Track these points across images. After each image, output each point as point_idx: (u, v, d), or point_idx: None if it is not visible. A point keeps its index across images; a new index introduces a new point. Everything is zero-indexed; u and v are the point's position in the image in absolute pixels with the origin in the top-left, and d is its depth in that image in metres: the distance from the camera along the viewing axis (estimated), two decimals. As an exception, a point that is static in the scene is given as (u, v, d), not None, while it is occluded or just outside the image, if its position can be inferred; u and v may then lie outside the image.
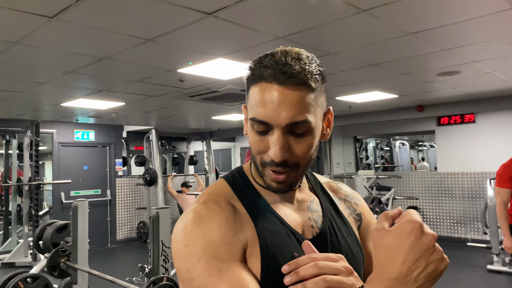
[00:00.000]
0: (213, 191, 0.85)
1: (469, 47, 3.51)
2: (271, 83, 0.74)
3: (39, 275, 4.26)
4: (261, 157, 0.79)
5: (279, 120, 0.74)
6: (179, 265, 0.76)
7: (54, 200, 8.27)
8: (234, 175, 0.89)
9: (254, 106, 0.77)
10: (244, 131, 0.85)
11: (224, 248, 0.74)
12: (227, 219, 0.78)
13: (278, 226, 0.81)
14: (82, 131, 8.52)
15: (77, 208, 3.53)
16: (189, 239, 0.75)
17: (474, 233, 7.57)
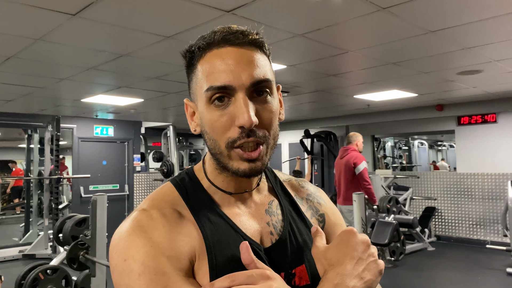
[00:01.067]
0: (157, 197, 0.75)
1: (491, 46, 3.44)
2: (223, 47, 0.71)
3: (58, 267, 4.37)
4: (227, 137, 0.70)
5: (241, 80, 0.69)
6: (117, 282, 0.66)
7: (73, 194, 8.43)
8: (182, 178, 0.80)
9: (208, 76, 0.70)
10: (193, 128, 0.77)
11: (168, 262, 0.65)
12: (172, 229, 0.69)
13: (231, 235, 0.72)
14: (102, 127, 8.66)
15: (96, 202, 3.59)
16: (127, 252, 0.66)
17: (494, 235, 7.43)
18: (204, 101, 0.71)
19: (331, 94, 5.72)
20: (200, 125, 0.75)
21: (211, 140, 0.73)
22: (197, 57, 0.74)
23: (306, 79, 4.70)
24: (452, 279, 5.61)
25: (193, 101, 0.77)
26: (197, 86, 0.74)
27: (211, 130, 0.72)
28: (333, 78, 4.65)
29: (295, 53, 3.64)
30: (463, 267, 6.28)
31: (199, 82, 0.73)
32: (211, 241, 0.70)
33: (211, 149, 0.74)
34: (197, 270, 0.69)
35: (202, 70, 0.72)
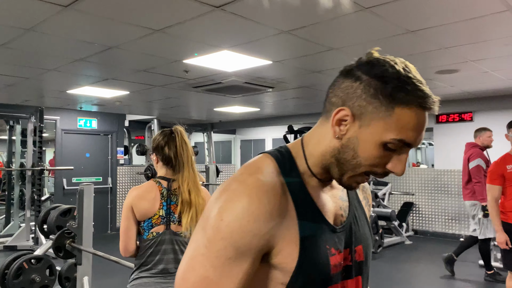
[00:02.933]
0: (266, 169, 0.80)
1: (467, 46, 3.62)
2: (423, 110, 0.76)
3: (43, 257, 4.40)
4: (371, 168, 0.79)
5: (417, 144, 0.78)
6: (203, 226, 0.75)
7: (56, 186, 8.40)
8: (281, 153, 0.85)
9: (403, 128, 0.75)
10: (337, 133, 0.80)
11: (250, 240, 0.72)
12: (274, 208, 0.75)
13: (315, 217, 0.81)
14: (85, 119, 8.62)
15: (83, 192, 3.64)
16: (229, 217, 0.73)
17: (467, 229, 7.71)
18: (381, 140, 0.76)
19: (314, 91, 5.85)
20: (347, 140, 0.79)
21: (355, 161, 0.78)
22: (400, 100, 0.75)
23: (291, 75, 4.82)
24: (427, 271, 5.83)
25: (354, 115, 0.78)
26: (380, 121, 0.75)
27: (365, 158, 0.77)
28: (317, 75, 4.78)
29: (281, 49, 3.75)
30: (438, 260, 6.51)
31: (388, 123, 0.75)
32: (302, 223, 0.78)
33: (344, 162, 0.79)
34: (283, 247, 0.75)
35: (398, 118, 0.75)
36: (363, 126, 0.77)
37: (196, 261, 0.74)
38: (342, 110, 0.78)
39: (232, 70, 4.48)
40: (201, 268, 0.73)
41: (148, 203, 2.03)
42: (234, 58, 3.96)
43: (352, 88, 0.78)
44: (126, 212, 2.03)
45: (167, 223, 2.05)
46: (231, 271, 0.73)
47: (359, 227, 0.91)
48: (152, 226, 2.03)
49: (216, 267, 0.72)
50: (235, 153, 12.30)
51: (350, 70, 0.81)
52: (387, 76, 0.76)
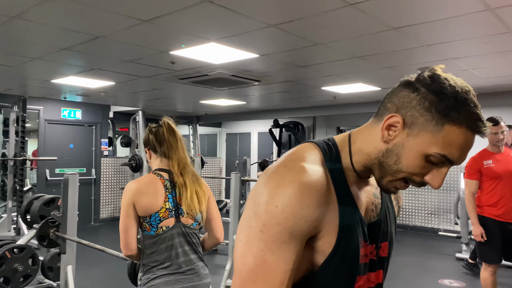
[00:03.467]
0: (314, 158, 0.85)
1: (448, 44, 3.72)
2: (472, 132, 0.79)
3: (26, 246, 4.39)
4: (410, 176, 0.83)
5: (459, 163, 0.82)
6: (259, 213, 0.78)
7: (38, 177, 8.31)
8: (328, 145, 0.89)
9: (449, 145, 0.79)
10: (385, 137, 0.84)
11: (302, 225, 0.77)
12: (321, 197, 0.80)
13: (353, 210, 0.86)
14: (69, 110, 8.54)
15: (68, 181, 3.64)
16: (283, 203, 0.77)
17: (446, 224, 7.92)
18: (425, 152, 0.80)
19: (300, 85, 5.92)
20: (393, 145, 0.83)
21: (396, 166, 0.82)
22: (451, 119, 0.78)
23: (277, 69, 4.87)
24: (407, 264, 5.98)
25: (405, 124, 0.82)
26: (428, 133, 0.79)
27: (406, 166, 0.82)
28: (303, 69, 4.84)
29: (268, 43, 3.80)
30: (417, 252, 6.69)
31: (435, 137, 0.79)
32: (342, 213, 0.83)
33: (386, 166, 0.84)
34: (324, 234, 0.81)
35: (446, 134, 0.78)
36: (411, 135, 0.81)
37: (254, 245, 0.77)
38: (394, 116, 0.82)
39: (218, 63, 4.51)
40: (259, 251, 0.77)
41: (151, 197, 1.92)
42: (221, 51, 4.00)
43: (409, 98, 0.82)
44: (126, 209, 1.90)
45: (177, 216, 1.96)
46: (286, 254, 0.77)
47: (387, 225, 0.96)
48: (160, 221, 1.92)
49: (273, 250, 0.76)
50: (221, 146, 12.33)
51: (411, 81, 0.83)
52: (444, 93, 0.79)
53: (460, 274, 5.33)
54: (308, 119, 9.80)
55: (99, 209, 9.10)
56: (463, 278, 5.15)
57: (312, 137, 10.00)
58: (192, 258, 1.99)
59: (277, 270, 0.77)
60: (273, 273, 0.77)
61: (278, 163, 0.84)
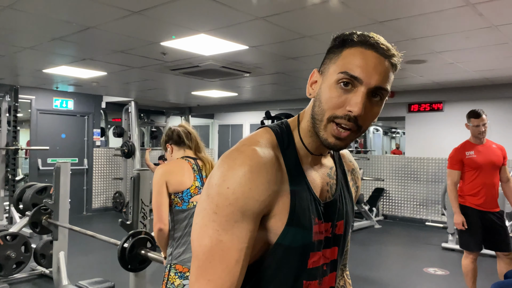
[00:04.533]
0: (263, 140, 0.89)
1: (432, 38, 3.81)
2: (369, 50, 0.85)
3: (18, 234, 4.45)
4: (332, 112, 0.86)
5: (370, 80, 0.83)
6: (209, 193, 0.82)
7: (30, 167, 8.35)
8: (281, 128, 0.93)
9: (348, 63, 0.85)
10: (309, 92, 0.91)
11: (253, 205, 0.81)
12: (271, 178, 0.83)
13: (305, 190, 0.90)
14: (61, 99, 8.56)
15: (59, 169, 3.71)
16: (233, 184, 0.80)
17: (434, 214, 8.08)
18: (333, 80, 0.86)
19: (290, 77, 6.00)
20: (316, 93, 0.90)
21: (320, 109, 0.87)
22: (347, 45, 0.86)
23: (267, 61, 4.94)
24: (395, 253, 6.13)
25: (320, 73, 0.91)
26: (332, 65, 0.87)
27: (325, 102, 0.86)
28: (292, 61, 4.91)
29: (257, 35, 3.87)
30: (405, 242, 6.84)
31: (337, 63, 0.87)
32: (294, 193, 0.87)
33: (315, 115, 0.88)
34: (276, 213, 0.85)
35: (344, 57, 0.86)
36: (324, 76, 0.89)
37: (209, 227, 0.80)
38: (314, 73, 0.92)
39: (209, 54, 4.58)
40: (214, 232, 0.80)
41: (181, 176, 2.17)
42: (211, 42, 4.06)
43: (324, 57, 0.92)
44: (158, 188, 2.11)
45: None
46: (240, 232, 0.80)
47: (343, 205, 1.00)
48: (191, 196, 2.15)
49: (227, 230, 0.80)
50: (213, 137, 12.39)
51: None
52: (343, 36, 0.89)
53: (445, 263, 5.48)
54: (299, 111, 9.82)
55: (91, 199, 9.16)
56: (447, 266, 5.29)
57: (304, 129, 10.10)
58: None
59: (232, 248, 0.80)
60: (229, 251, 0.80)
61: (232, 148, 0.87)
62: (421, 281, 4.81)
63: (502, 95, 6.63)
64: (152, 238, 2.80)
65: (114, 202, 9.34)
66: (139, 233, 2.72)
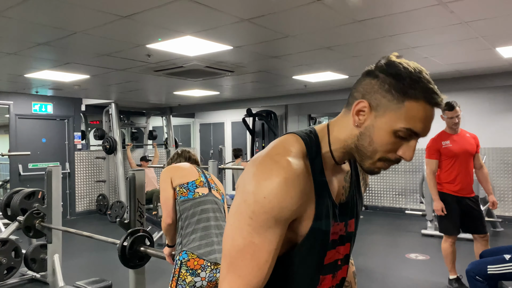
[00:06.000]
0: (295, 150, 0.93)
1: (408, 35, 4.01)
2: (431, 106, 0.90)
3: (8, 239, 4.45)
4: (385, 154, 0.92)
5: (425, 134, 0.91)
6: (249, 201, 0.88)
7: (11, 172, 8.24)
8: (310, 138, 0.98)
9: (412, 120, 0.89)
10: (356, 122, 0.93)
11: (285, 213, 0.88)
12: (303, 188, 0.90)
13: (326, 197, 0.97)
14: (40, 104, 8.47)
15: (51, 173, 3.76)
16: (270, 195, 0.86)
17: (413, 203, 8.39)
18: (393, 128, 0.90)
19: (272, 75, 6.14)
20: (366, 128, 0.93)
21: (372, 147, 0.93)
22: (411, 96, 0.88)
23: (250, 60, 5.07)
24: (376, 241, 6.36)
25: (371, 108, 0.92)
26: (392, 112, 0.89)
27: (379, 145, 0.92)
28: (275, 60, 5.06)
29: (241, 36, 3.99)
30: (386, 231, 7.10)
31: (399, 114, 0.89)
32: (319, 202, 0.95)
33: (363, 148, 0.94)
34: (303, 218, 0.93)
35: (408, 110, 0.89)
36: (378, 116, 0.91)
37: (243, 230, 0.89)
38: (361, 102, 0.93)
39: (193, 55, 4.67)
40: (248, 235, 0.88)
41: (187, 171, 2.37)
42: (196, 43, 4.16)
43: (371, 84, 0.92)
44: (164, 184, 2.29)
45: (209, 188, 2.36)
46: (272, 236, 0.89)
47: (354, 205, 1.08)
48: (196, 187, 2.30)
49: (260, 233, 0.88)
50: (195, 136, 12.44)
51: (371, 70, 0.94)
52: (400, 74, 0.89)
53: (425, 248, 5.74)
54: (280, 107, 10.06)
55: (75, 202, 9.10)
56: (427, 251, 5.55)
57: (285, 125, 10.27)
58: (222, 224, 2.30)
59: (263, 249, 0.88)
60: (259, 252, 0.88)
61: (265, 154, 0.93)
62: (404, 266, 5.04)
63: (474, 86, 6.94)
64: (150, 235, 2.90)
65: (98, 205, 9.32)
66: (138, 231, 2.82)
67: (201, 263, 2.14)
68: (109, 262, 5.32)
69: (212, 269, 2.16)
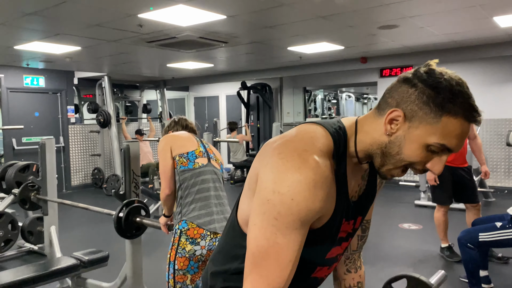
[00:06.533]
0: (323, 147, 0.91)
1: (404, 3, 3.94)
2: (468, 122, 0.85)
3: (4, 212, 4.47)
4: (411, 164, 0.89)
5: (457, 150, 0.88)
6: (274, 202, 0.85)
7: (5, 147, 8.19)
8: (339, 135, 0.95)
9: (447, 136, 0.85)
10: (388, 131, 0.89)
11: (312, 216, 0.87)
12: (329, 191, 0.89)
13: (344, 197, 0.96)
14: (32, 77, 8.35)
15: (44, 145, 3.72)
16: (298, 197, 0.84)
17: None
18: (426, 142, 0.86)
19: (267, 46, 6.05)
20: (396, 138, 0.89)
21: (399, 157, 0.89)
22: (449, 111, 0.84)
23: (244, 30, 4.98)
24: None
25: (406, 117, 0.87)
26: (427, 125, 0.85)
27: (408, 156, 0.88)
28: (269, 30, 4.97)
29: (235, 4, 3.90)
30: (380, 202, 7.12)
31: (435, 128, 0.85)
32: (338, 201, 0.94)
33: (389, 156, 0.91)
34: (321, 216, 0.91)
35: (444, 125, 0.84)
36: (412, 128, 0.87)
37: (268, 230, 0.86)
38: (396, 111, 0.88)
39: (186, 25, 4.58)
40: (272, 235, 0.86)
41: (186, 140, 2.33)
42: (189, 13, 4.07)
43: (408, 93, 0.87)
44: (163, 154, 2.25)
45: (208, 158, 2.34)
46: (296, 237, 0.87)
47: (365, 203, 1.07)
48: (196, 157, 2.27)
49: (285, 235, 0.86)
50: (189, 110, 12.37)
51: (408, 77, 0.89)
52: (440, 87, 0.84)
53: (418, 218, 5.82)
54: (275, 80, 9.98)
55: (70, 176, 9.11)
56: (420, 221, 5.64)
57: (280, 98, 10.21)
58: (221, 194, 2.31)
59: (287, 250, 0.87)
60: (284, 252, 0.87)
61: (292, 148, 0.89)
62: (397, 236, 5.13)
63: (470, 57, 6.90)
64: (145, 206, 2.91)
65: (93, 179, 9.33)
66: (133, 202, 2.82)
67: (201, 232, 2.14)
68: (105, 234, 5.36)
69: (212, 238, 2.16)
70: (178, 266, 2.13)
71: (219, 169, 2.39)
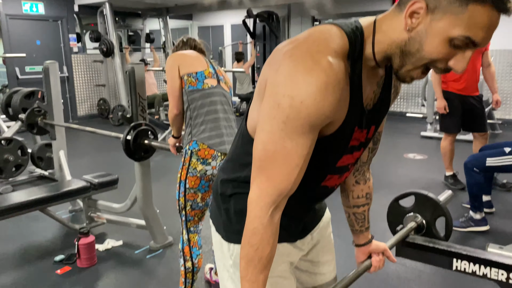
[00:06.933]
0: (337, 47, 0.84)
1: None
2: (498, 11, 0.76)
3: (12, 138, 4.51)
4: (433, 62, 0.82)
5: (484, 45, 0.80)
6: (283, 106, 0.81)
7: (9, 76, 8.13)
8: (355, 35, 0.88)
9: (473, 26, 0.76)
10: (408, 26, 0.81)
11: (322, 120, 0.84)
12: (342, 94, 0.84)
13: (358, 102, 0.92)
14: (31, 3, 8.08)
15: (48, 69, 3.66)
16: (308, 100, 0.80)
17: (414, 107, 8.40)
18: (449, 35, 0.78)
19: (274, -32, 5.73)
20: (416, 33, 0.81)
21: (419, 54, 0.82)
22: None
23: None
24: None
25: (428, 9, 0.79)
26: (452, 15, 0.77)
27: (429, 53, 0.81)
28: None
29: None
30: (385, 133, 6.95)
31: (459, 18, 0.76)
32: (351, 106, 0.90)
33: (409, 53, 0.83)
34: (332, 121, 0.88)
35: (470, 15, 0.75)
36: (434, 20, 0.78)
37: (276, 134, 0.84)
38: (417, 2, 0.79)
39: None
40: (280, 139, 0.84)
41: (194, 59, 2.21)
42: None
43: None
44: (172, 73, 2.15)
45: (218, 80, 2.24)
46: (304, 141, 0.84)
47: (379, 112, 1.02)
48: (205, 77, 2.17)
49: (292, 139, 0.84)
50: (193, 40, 12.04)
51: None
52: None
53: (423, 149, 5.85)
54: (283, 8, 9.59)
55: (76, 106, 9.11)
56: (425, 152, 5.67)
57: (287, 27, 9.86)
58: (230, 117, 2.26)
59: (295, 154, 0.85)
60: (291, 156, 0.85)
61: (305, 49, 0.83)
62: (401, 165, 5.18)
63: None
64: (153, 128, 2.90)
65: (99, 109, 9.33)
66: (140, 125, 2.81)
67: (211, 153, 2.13)
68: (113, 161, 5.46)
69: (222, 159, 2.15)
70: (189, 185, 2.15)
71: (228, 92, 2.32)
